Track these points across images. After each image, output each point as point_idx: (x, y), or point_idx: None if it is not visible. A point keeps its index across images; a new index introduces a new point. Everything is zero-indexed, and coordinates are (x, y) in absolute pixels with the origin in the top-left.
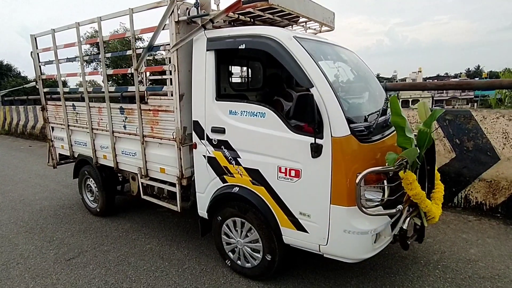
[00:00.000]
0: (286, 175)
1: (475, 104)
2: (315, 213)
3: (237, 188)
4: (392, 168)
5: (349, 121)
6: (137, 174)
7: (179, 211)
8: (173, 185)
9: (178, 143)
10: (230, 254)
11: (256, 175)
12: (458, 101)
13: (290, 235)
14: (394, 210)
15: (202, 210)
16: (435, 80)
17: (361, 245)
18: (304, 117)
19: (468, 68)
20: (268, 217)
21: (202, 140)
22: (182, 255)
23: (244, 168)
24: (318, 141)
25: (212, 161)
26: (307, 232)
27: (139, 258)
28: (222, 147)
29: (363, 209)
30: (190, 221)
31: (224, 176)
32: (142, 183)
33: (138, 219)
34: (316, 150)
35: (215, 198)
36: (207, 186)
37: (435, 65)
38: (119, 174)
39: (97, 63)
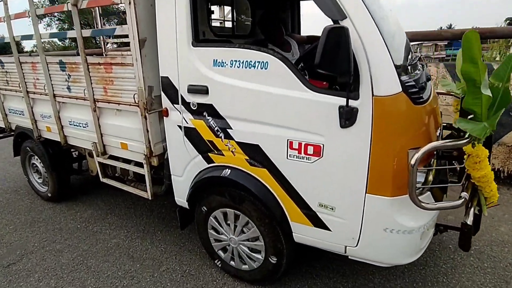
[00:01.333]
0: (300, 152)
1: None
2: (342, 205)
3: (228, 171)
4: (464, 142)
5: (398, 73)
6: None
7: (149, 198)
8: (140, 165)
9: (142, 109)
10: (221, 253)
11: (255, 153)
12: (431, 60)
13: (304, 233)
14: (459, 202)
15: (181, 198)
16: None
17: (407, 247)
18: (330, 65)
19: (441, 27)
20: (273, 209)
21: (175, 105)
22: (158, 252)
23: (238, 143)
24: (352, 103)
25: (191, 134)
26: (328, 230)
27: (102, 260)
28: (205, 114)
29: (421, 202)
30: (167, 205)
31: (209, 154)
32: (99, 162)
33: (102, 205)
34: (348, 116)
35: (197, 183)
36: (185, 167)
37: (409, 24)
38: (72, 150)
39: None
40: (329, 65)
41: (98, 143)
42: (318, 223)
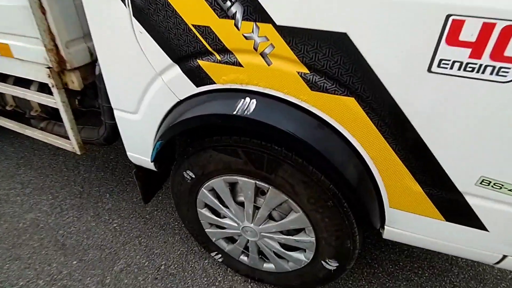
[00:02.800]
0: (478, 54)
1: None
2: None
3: (251, 103)
4: None
5: None
6: None
7: (77, 152)
8: (44, 88)
9: None
10: (223, 243)
11: (331, 54)
12: None
13: (414, 229)
14: None
15: (138, 154)
16: None
17: None
18: None
19: None
20: (354, 185)
21: None
22: (110, 237)
23: (282, 29)
24: None
25: (150, 10)
26: (482, 228)
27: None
28: None
29: None
30: (120, 150)
31: (200, 63)
32: None
33: (13, 156)
34: None
35: (174, 128)
36: (143, 94)
37: None
38: None
39: None
40: None
41: None
42: (460, 215)
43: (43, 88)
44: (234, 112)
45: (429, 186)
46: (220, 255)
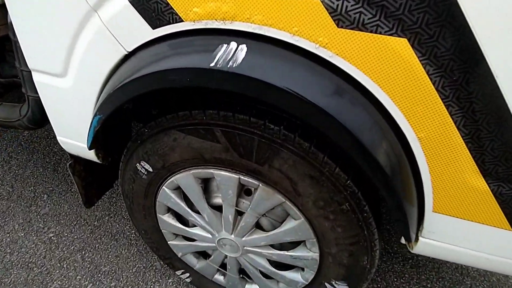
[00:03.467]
0: None
1: None
2: None
3: (240, 50)
4: None
5: None
6: None
7: None
8: None
9: None
10: (192, 259)
11: None
12: None
13: (463, 241)
14: None
15: (72, 139)
16: None
17: None
18: None
19: None
20: (387, 179)
21: None
22: (43, 249)
23: None
24: None
25: None
26: None
27: None
28: None
29: None
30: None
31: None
32: None
33: None
34: None
35: (119, 87)
36: (72, 43)
37: None
38: None
39: None
40: None
41: None
42: None
43: None
44: (212, 65)
45: (499, 181)
46: (188, 274)
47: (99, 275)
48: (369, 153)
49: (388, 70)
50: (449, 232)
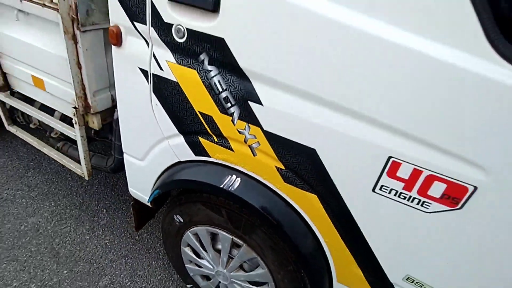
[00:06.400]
0: (410, 187)
1: None
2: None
3: (236, 181)
4: None
5: None
6: None
7: (85, 177)
8: (70, 122)
9: (67, 19)
10: (199, 279)
11: (302, 162)
12: None
13: None
14: None
15: (139, 191)
16: None
17: None
18: None
19: None
20: (310, 261)
21: (138, 24)
22: (99, 253)
23: (268, 135)
24: None
25: (167, 91)
26: None
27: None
28: (203, 57)
29: None
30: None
31: (201, 140)
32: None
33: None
34: None
35: (171, 183)
36: (151, 148)
37: None
38: None
39: None
40: None
41: None
42: None
43: (66, 116)
44: (221, 186)
45: (369, 274)
46: None
47: (135, 277)
48: (297, 246)
49: (309, 207)
50: None
